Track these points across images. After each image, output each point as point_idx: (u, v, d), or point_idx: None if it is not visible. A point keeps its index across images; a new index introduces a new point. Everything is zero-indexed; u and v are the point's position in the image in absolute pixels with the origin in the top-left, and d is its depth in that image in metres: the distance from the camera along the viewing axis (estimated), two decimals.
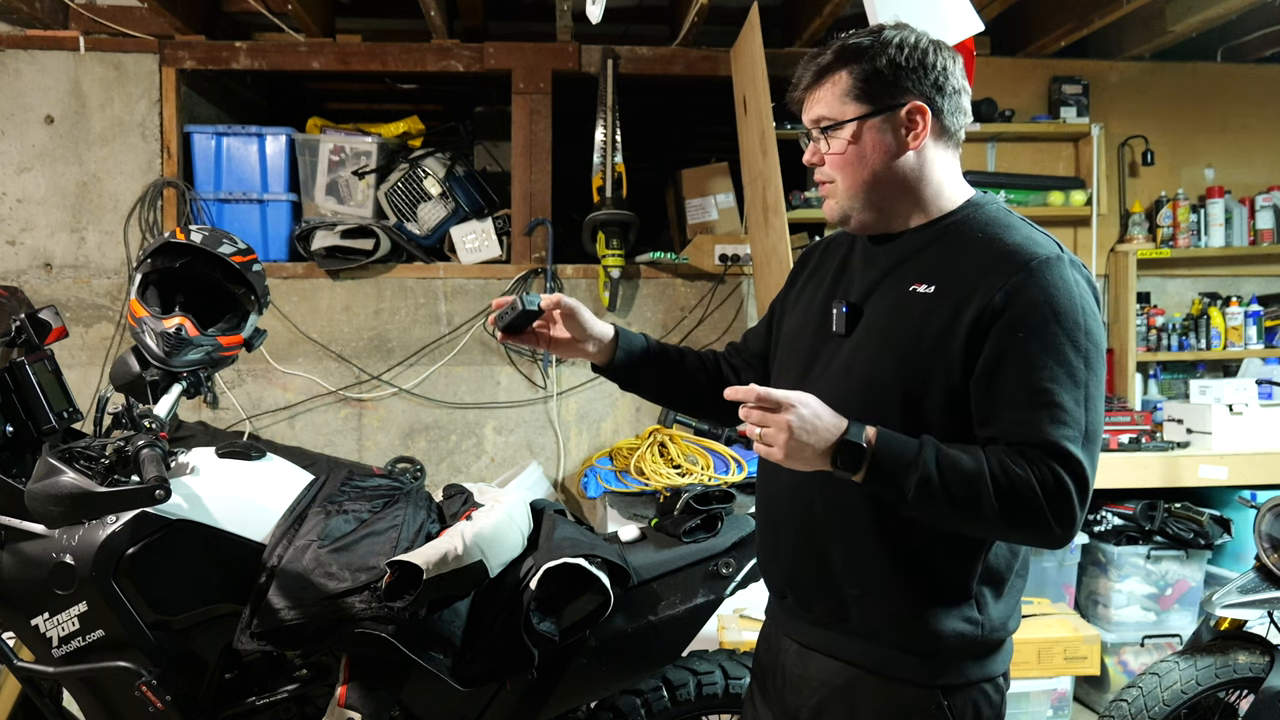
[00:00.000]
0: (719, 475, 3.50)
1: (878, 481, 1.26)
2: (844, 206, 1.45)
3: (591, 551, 1.89)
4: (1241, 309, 4.28)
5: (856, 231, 1.49)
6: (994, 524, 1.27)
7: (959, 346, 1.31)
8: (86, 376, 3.94)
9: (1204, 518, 3.38)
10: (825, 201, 1.48)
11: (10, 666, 1.89)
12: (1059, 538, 1.26)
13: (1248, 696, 2.43)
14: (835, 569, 1.41)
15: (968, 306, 1.31)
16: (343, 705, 1.80)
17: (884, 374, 1.36)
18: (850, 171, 1.42)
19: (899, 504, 1.28)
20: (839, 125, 1.40)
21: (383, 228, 4.03)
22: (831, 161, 1.43)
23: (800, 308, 1.59)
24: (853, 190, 1.43)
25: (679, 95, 5.16)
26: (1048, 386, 1.26)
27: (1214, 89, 4.41)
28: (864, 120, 1.39)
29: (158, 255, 2.11)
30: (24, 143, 3.98)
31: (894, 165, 1.40)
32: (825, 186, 1.47)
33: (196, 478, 1.93)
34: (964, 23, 2.53)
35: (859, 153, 1.40)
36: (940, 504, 1.25)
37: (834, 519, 1.41)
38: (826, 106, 1.42)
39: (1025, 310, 1.28)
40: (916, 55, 1.39)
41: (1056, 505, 1.24)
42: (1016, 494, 1.23)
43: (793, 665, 1.50)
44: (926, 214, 1.43)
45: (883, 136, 1.40)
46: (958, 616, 1.37)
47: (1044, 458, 1.25)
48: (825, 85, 1.42)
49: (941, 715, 1.38)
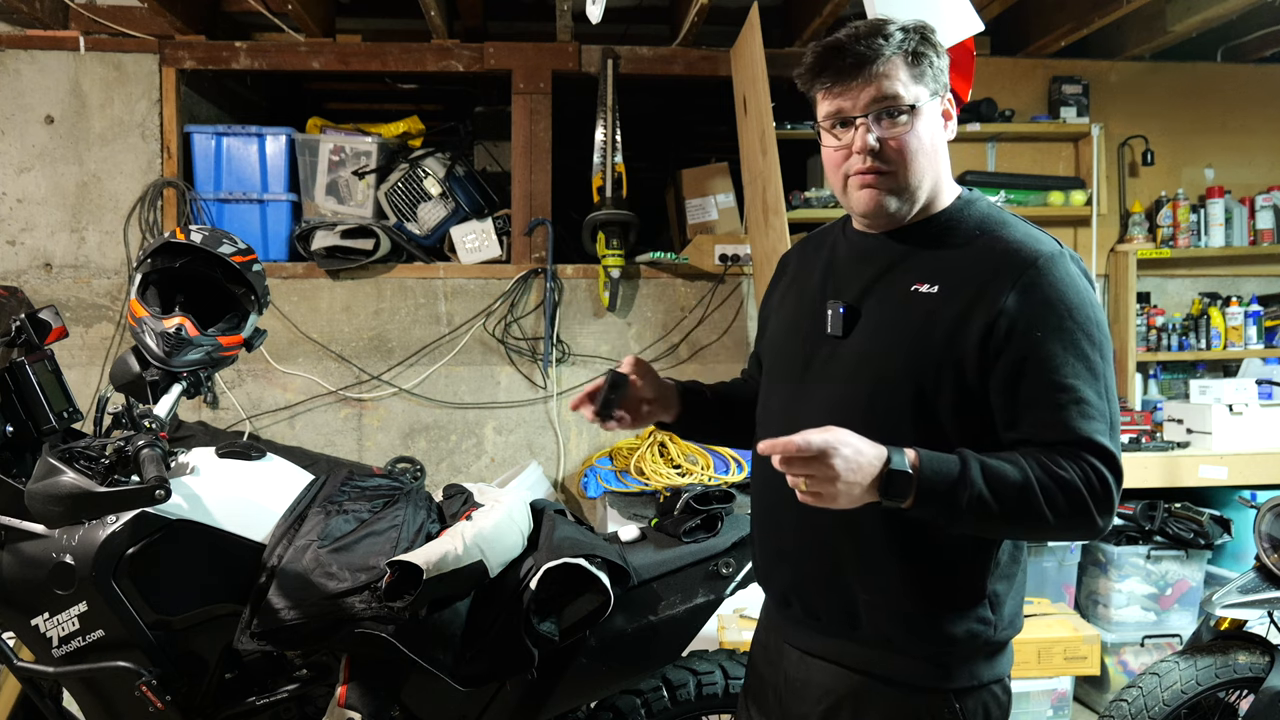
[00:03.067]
0: (719, 475, 3.50)
1: (930, 505, 1.23)
2: (900, 195, 1.37)
3: (591, 551, 1.89)
4: (1241, 309, 4.28)
5: (888, 226, 1.43)
6: (1045, 528, 1.26)
7: (973, 347, 1.30)
8: (86, 376, 3.94)
9: (1204, 518, 3.38)
10: (868, 192, 1.37)
11: (10, 666, 1.89)
12: (1102, 529, 1.28)
13: (1248, 696, 2.43)
14: (846, 575, 1.40)
15: (977, 307, 1.30)
16: (343, 705, 1.80)
17: (894, 374, 1.35)
18: (919, 158, 1.36)
19: (950, 524, 1.27)
20: (915, 106, 1.34)
21: (383, 228, 4.03)
22: (897, 147, 1.34)
23: (787, 310, 1.56)
24: (915, 177, 1.37)
25: (679, 95, 5.16)
26: (1072, 383, 1.27)
27: (1214, 89, 4.41)
28: (927, 104, 1.36)
29: (158, 255, 2.11)
30: (24, 143, 3.98)
31: (940, 153, 1.40)
32: (870, 177, 1.36)
33: (196, 478, 1.93)
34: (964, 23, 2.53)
35: (925, 137, 1.36)
36: (994, 518, 1.24)
37: (844, 524, 1.37)
38: (893, 86, 1.33)
39: (1040, 309, 1.28)
40: (942, 48, 1.40)
41: (1101, 499, 1.25)
42: (1067, 496, 1.23)
43: (795, 673, 1.47)
44: (932, 206, 1.42)
45: (937, 122, 1.39)
46: (971, 617, 1.36)
47: (1081, 454, 1.25)
48: (887, 66, 1.33)
49: (954, 718, 1.37)
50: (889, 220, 1.41)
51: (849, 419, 1.29)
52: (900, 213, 1.40)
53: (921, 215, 1.42)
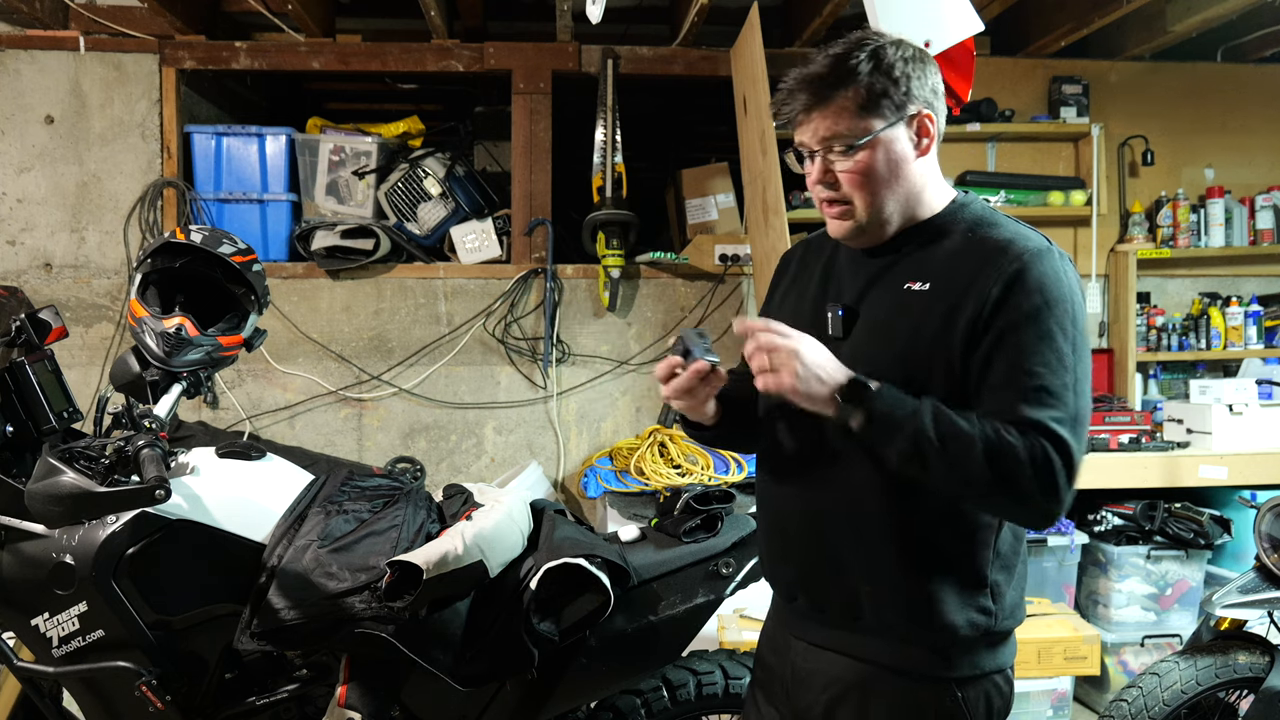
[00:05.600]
0: (719, 475, 3.50)
1: (877, 426, 1.28)
2: (863, 224, 1.41)
3: (591, 551, 1.89)
4: (1241, 309, 4.28)
5: (865, 245, 1.46)
6: (981, 486, 1.27)
7: (958, 341, 1.33)
8: (86, 376, 3.94)
9: (1204, 518, 3.38)
10: (834, 222, 1.43)
11: (10, 666, 1.89)
12: (1044, 512, 1.28)
13: (1248, 696, 2.43)
14: (849, 567, 1.42)
15: (965, 302, 1.33)
16: (343, 705, 1.80)
17: (890, 370, 1.36)
18: (871, 188, 1.38)
19: (894, 454, 1.29)
20: (859, 143, 1.36)
21: (383, 228, 4.03)
22: (849, 180, 1.38)
23: (787, 313, 1.56)
24: (875, 206, 1.39)
25: (679, 95, 5.16)
26: (1038, 370, 1.29)
27: (1214, 89, 4.41)
28: (881, 134, 1.37)
29: (158, 255, 2.11)
30: (24, 143, 3.98)
31: (906, 174, 1.40)
32: (835, 207, 1.41)
33: (196, 478, 1.93)
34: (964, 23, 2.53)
35: (878, 168, 1.37)
36: (933, 458, 1.26)
37: (847, 515, 1.41)
38: (841, 124, 1.36)
39: (1020, 299, 1.31)
40: (916, 63, 1.39)
41: (1042, 477, 1.25)
42: (1003, 457, 1.25)
43: (802, 664, 1.50)
44: (918, 216, 1.44)
45: (899, 148, 1.39)
46: (972, 606, 1.38)
47: (1030, 432, 1.26)
48: (834, 103, 1.36)
49: (956, 708, 1.39)
50: (865, 242, 1.45)
51: None
52: (873, 235, 1.43)
53: (909, 224, 1.44)
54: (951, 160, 4.17)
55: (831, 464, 1.42)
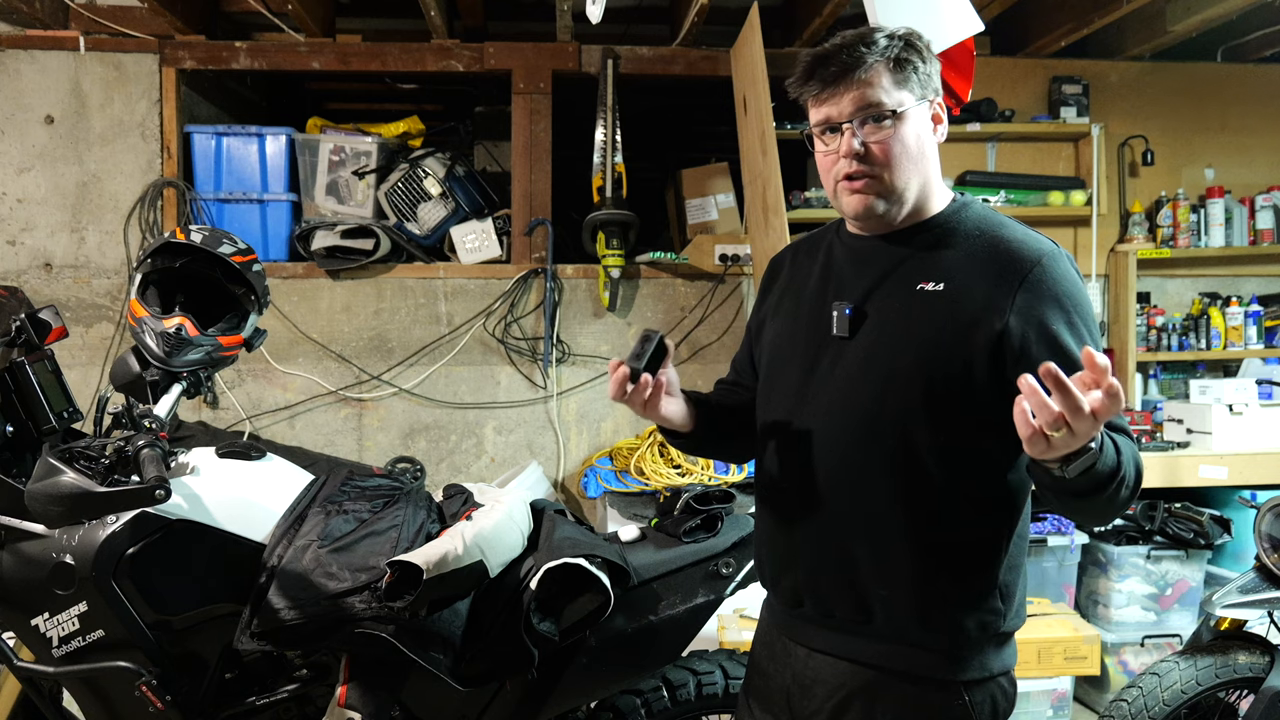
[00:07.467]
0: (719, 475, 3.50)
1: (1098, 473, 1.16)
2: (886, 198, 1.40)
3: (592, 551, 1.89)
4: (1241, 309, 4.28)
5: (873, 230, 1.46)
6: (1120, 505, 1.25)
7: (984, 346, 1.32)
8: (86, 376, 3.94)
9: (1204, 518, 3.38)
10: (855, 196, 1.41)
11: (10, 666, 1.89)
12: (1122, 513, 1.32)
13: (1248, 696, 2.43)
14: (862, 571, 1.41)
15: (987, 306, 1.33)
16: (343, 705, 1.80)
17: (906, 371, 1.36)
18: (901, 161, 1.38)
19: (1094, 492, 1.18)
20: (898, 110, 1.37)
21: (383, 228, 4.03)
22: (881, 149, 1.38)
23: (784, 314, 1.56)
24: (902, 180, 1.39)
25: (679, 95, 5.16)
26: None
27: (1214, 89, 4.41)
28: (912, 109, 1.39)
29: (158, 255, 2.11)
30: (24, 143, 3.98)
31: (929, 156, 1.42)
32: (859, 180, 1.40)
33: (196, 478, 1.93)
34: (964, 23, 2.53)
35: (909, 140, 1.39)
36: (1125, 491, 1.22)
37: (861, 519, 1.40)
38: (876, 92, 1.37)
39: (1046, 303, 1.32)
40: (929, 53, 1.43)
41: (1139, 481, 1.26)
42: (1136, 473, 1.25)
43: (805, 671, 1.48)
44: (925, 209, 1.44)
45: (925, 126, 1.42)
46: (984, 609, 1.38)
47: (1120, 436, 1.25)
48: (870, 70, 1.37)
49: (964, 710, 1.38)
50: (879, 222, 1.44)
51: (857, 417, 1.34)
52: (890, 214, 1.43)
53: (915, 219, 1.44)
54: (951, 160, 4.17)
55: (844, 469, 1.41)
